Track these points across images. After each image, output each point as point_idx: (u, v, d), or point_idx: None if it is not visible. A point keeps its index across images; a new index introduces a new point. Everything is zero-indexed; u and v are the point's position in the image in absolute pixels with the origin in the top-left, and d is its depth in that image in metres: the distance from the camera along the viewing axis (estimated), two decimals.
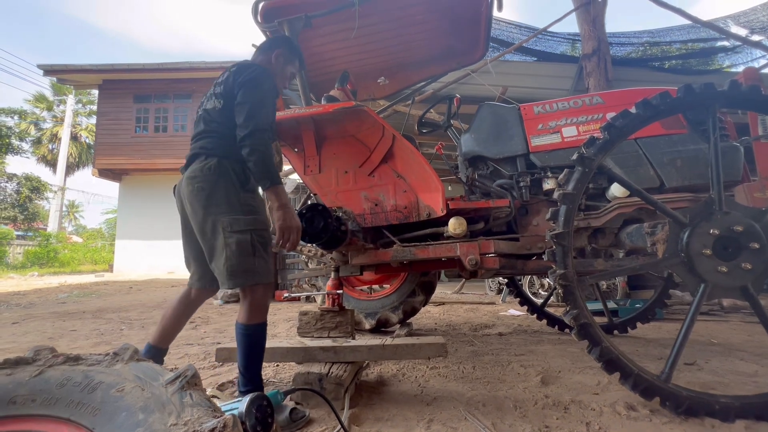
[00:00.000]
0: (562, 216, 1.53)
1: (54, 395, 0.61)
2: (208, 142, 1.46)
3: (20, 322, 3.65)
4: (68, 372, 0.65)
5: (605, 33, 5.30)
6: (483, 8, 2.65)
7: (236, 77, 1.46)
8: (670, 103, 1.52)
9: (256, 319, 1.40)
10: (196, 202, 1.41)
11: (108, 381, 0.63)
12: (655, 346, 2.52)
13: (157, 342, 1.62)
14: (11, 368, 0.65)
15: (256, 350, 1.42)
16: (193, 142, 1.53)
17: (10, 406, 0.60)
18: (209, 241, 1.40)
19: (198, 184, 1.40)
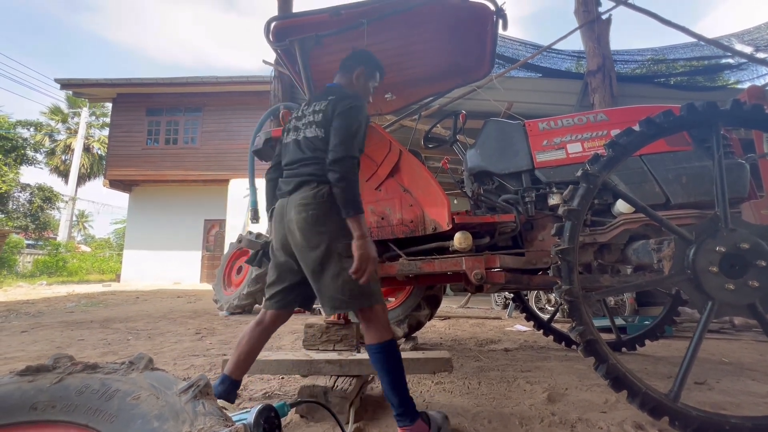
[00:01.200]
0: (567, 232, 1.54)
1: (73, 402, 0.64)
2: (318, 169, 1.46)
3: (29, 331, 3.69)
4: (87, 379, 0.67)
5: (610, 50, 5.37)
6: (489, 27, 2.71)
7: (335, 107, 1.51)
8: (673, 122, 1.55)
9: (387, 335, 1.42)
10: (308, 228, 1.41)
11: (124, 389, 0.65)
12: (665, 365, 2.48)
13: (231, 372, 1.53)
14: (33, 375, 0.68)
15: (399, 366, 1.41)
16: (295, 167, 1.52)
17: (31, 412, 0.63)
18: (321, 266, 1.40)
19: (312, 211, 1.42)
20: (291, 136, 1.61)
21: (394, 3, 2.48)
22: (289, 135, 1.62)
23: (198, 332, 3.69)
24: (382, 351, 1.40)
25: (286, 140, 1.63)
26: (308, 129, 1.55)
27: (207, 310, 5.54)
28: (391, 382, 1.38)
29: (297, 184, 1.48)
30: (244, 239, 5.00)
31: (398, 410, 1.36)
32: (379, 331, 1.42)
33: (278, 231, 1.54)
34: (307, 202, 1.43)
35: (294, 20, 2.55)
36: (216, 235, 12.51)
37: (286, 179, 1.55)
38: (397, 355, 1.43)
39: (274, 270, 1.61)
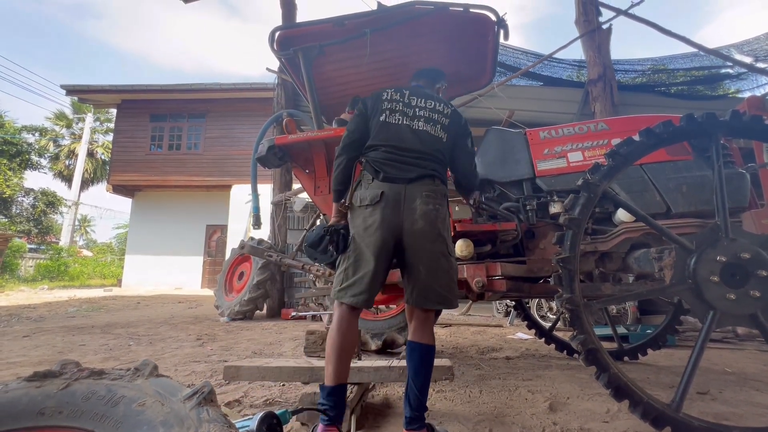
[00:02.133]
0: (568, 240, 1.55)
1: (80, 408, 0.65)
2: (439, 168, 1.53)
3: (31, 336, 3.70)
4: (93, 386, 0.68)
5: (610, 59, 5.41)
6: (490, 37, 2.74)
7: (461, 121, 1.67)
8: (672, 132, 1.56)
9: (434, 339, 1.49)
10: (436, 220, 1.44)
11: (130, 395, 0.66)
12: (667, 374, 2.47)
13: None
14: (40, 381, 0.69)
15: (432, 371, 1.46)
16: (414, 157, 1.50)
17: (38, 417, 0.64)
18: (438, 259, 1.43)
19: (436, 204, 1.46)
20: (398, 119, 1.54)
21: (396, 13, 2.52)
22: (394, 116, 1.55)
23: (199, 338, 3.69)
24: (432, 352, 1.45)
25: (390, 120, 1.54)
26: (427, 124, 1.56)
27: (208, 315, 5.54)
28: (426, 384, 1.41)
29: (420, 175, 1.47)
30: (247, 245, 5.01)
31: (417, 412, 1.38)
32: (433, 333, 1.48)
33: (392, 215, 1.42)
34: (434, 195, 1.46)
35: (298, 30, 2.60)
36: (218, 241, 12.53)
37: (401, 165, 1.48)
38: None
39: (376, 260, 1.41)
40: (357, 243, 1.44)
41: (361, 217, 1.45)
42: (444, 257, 1.46)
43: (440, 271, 1.44)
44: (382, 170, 1.47)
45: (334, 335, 1.40)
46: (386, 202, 1.43)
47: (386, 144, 1.51)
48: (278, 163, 2.77)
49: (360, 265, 1.42)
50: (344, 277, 1.44)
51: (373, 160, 1.50)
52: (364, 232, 1.43)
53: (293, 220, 6.52)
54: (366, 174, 1.51)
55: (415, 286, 1.44)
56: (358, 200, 1.48)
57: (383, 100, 1.59)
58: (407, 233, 1.43)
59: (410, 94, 1.62)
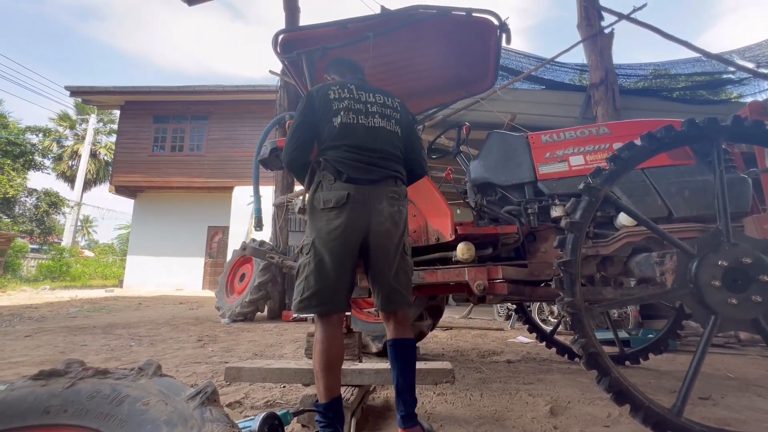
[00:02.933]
0: (569, 244, 1.55)
1: (84, 406, 0.65)
2: (399, 168, 1.53)
3: (33, 336, 3.71)
4: (98, 385, 0.69)
5: (612, 63, 5.42)
6: (492, 41, 2.76)
7: (410, 116, 1.68)
8: (674, 137, 1.57)
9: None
10: (396, 221, 1.44)
11: (134, 395, 0.67)
12: (669, 379, 2.46)
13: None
14: (45, 379, 0.70)
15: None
16: (380, 158, 1.46)
17: (44, 416, 0.64)
18: (396, 259, 1.43)
19: (400, 206, 1.47)
20: (353, 118, 1.47)
21: (399, 17, 2.53)
22: (349, 115, 1.47)
23: (200, 339, 3.69)
24: (414, 346, 1.51)
25: (346, 120, 1.46)
26: (382, 120, 1.51)
27: (209, 317, 5.54)
28: (414, 378, 1.44)
29: (384, 176, 1.45)
30: (248, 247, 5.03)
31: (412, 408, 1.38)
32: (410, 327, 1.55)
33: (359, 217, 1.38)
34: (399, 197, 1.47)
35: (301, 33, 2.61)
36: (219, 242, 12.55)
37: (364, 166, 1.42)
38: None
39: (344, 264, 1.37)
40: (317, 249, 1.36)
41: (323, 219, 1.38)
42: (404, 257, 1.48)
43: (401, 271, 1.46)
44: (345, 171, 1.40)
45: (318, 349, 1.34)
46: (353, 204, 1.37)
47: (346, 144, 1.44)
48: (280, 165, 2.78)
49: (322, 272, 1.35)
50: (305, 286, 1.36)
51: (334, 160, 1.41)
52: (327, 235, 1.36)
53: (295, 222, 6.54)
54: (327, 174, 1.42)
55: (381, 290, 1.45)
56: (320, 203, 1.39)
57: (332, 99, 1.49)
58: (374, 234, 1.40)
59: (357, 89, 1.54)
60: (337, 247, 1.35)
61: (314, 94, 1.53)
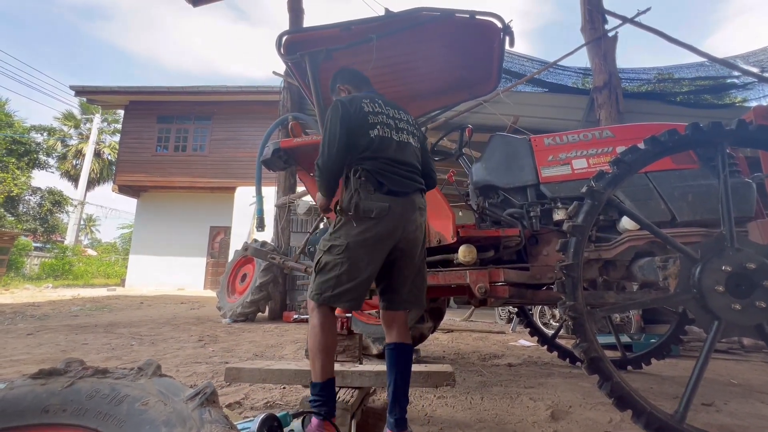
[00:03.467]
0: (571, 248, 1.55)
1: (84, 406, 0.65)
2: (422, 181, 1.62)
3: (34, 334, 3.72)
4: (97, 384, 0.69)
5: (616, 67, 5.41)
6: (496, 44, 2.75)
7: (420, 129, 1.80)
8: (677, 141, 1.56)
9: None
10: (423, 230, 1.58)
11: (133, 394, 0.67)
12: (671, 384, 2.44)
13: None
14: (45, 378, 0.70)
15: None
16: (408, 170, 1.54)
17: (43, 415, 0.64)
18: (419, 265, 1.57)
19: (424, 216, 1.59)
20: (387, 132, 1.54)
21: (403, 19, 2.54)
22: (384, 129, 1.54)
23: (201, 339, 3.69)
24: (412, 351, 1.55)
25: (383, 134, 1.52)
26: (408, 136, 1.60)
27: (210, 317, 5.55)
28: (407, 383, 1.48)
29: (415, 189, 1.55)
30: (250, 247, 5.03)
31: (405, 412, 1.43)
32: (409, 333, 1.60)
33: (394, 229, 1.45)
34: (423, 208, 1.58)
35: (305, 34, 2.61)
36: (221, 242, 12.57)
37: (399, 179, 1.49)
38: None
39: (363, 268, 1.42)
40: (351, 251, 1.42)
41: (360, 227, 1.43)
42: (424, 263, 1.63)
43: (420, 276, 1.59)
44: (387, 183, 1.46)
45: (319, 334, 1.41)
46: (392, 215, 1.44)
47: (383, 157, 1.49)
48: (283, 166, 2.78)
49: (355, 273, 1.41)
50: (337, 282, 1.41)
51: (375, 171, 1.46)
52: (362, 242, 1.42)
53: (297, 222, 6.54)
54: (366, 184, 1.45)
55: (400, 290, 1.53)
56: (360, 211, 1.43)
57: (367, 113, 1.53)
58: (405, 241, 1.49)
59: (385, 105, 1.62)
60: (373, 252, 1.44)
61: (347, 104, 1.55)
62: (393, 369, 1.47)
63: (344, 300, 1.42)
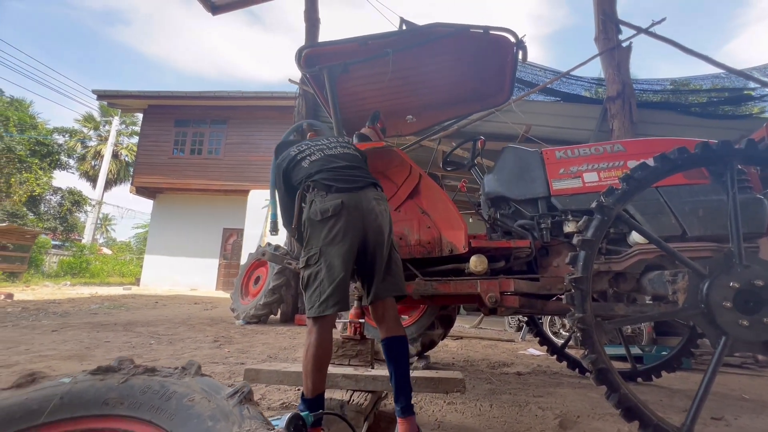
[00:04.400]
0: (580, 261, 1.60)
1: (138, 400, 0.73)
2: (372, 177, 1.76)
3: (59, 330, 3.88)
4: (148, 381, 0.77)
5: (630, 77, 5.40)
6: (509, 58, 2.82)
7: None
8: (687, 159, 1.60)
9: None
10: (385, 218, 1.64)
11: (180, 391, 0.75)
12: (681, 397, 2.45)
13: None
14: (103, 374, 0.78)
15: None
16: (351, 171, 1.69)
17: (103, 407, 0.73)
18: (389, 251, 1.62)
19: (384, 205, 1.68)
20: (318, 155, 1.79)
21: (418, 35, 2.62)
22: (314, 155, 1.79)
23: (216, 340, 3.80)
24: (406, 342, 1.61)
25: (314, 158, 1.77)
26: (343, 149, 1.83)
27: (223, 318, 5.67)
28: (407, 372, 1.54)
29: (364, 184, 1.66)
30: (267, 252, 5.17)
31: (410, 399, 1.50)
32: (401, 325, 1.63)
33: (356, 219, 1.56)
34: (381, 198, 1.68)
35: (323, 48, 2.71)
36: (233, 244, 12.78)
37: (345, 178, 1.67)
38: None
39: (348, 264, 1.51)
40: (325, 255, 1.50)
41: (324, 229, 1.53)
42: (394, 250, 1.67)
43: (393, 263, 1.64)
44: (333, 185, 1.59)
45: (314, 352, 1.45)
46: (348, 209, 1.54)
47: (325, 169, 1.66)
48: None
49: (333, 274, 1.48)
50: (320, 291, 1.47)
51: (322, 180, 1.62)
52: (330, 242, 1.51)
53: None
54: (317, 192, 1.59)
55: (377, 278, 1.59)
56: (317, 214, 1.54)
57: (295, 155, 1.78)
58: (371, 230, 1.58)
59: (314, 142, 1.85)
60: (342, 248, 1.51)
61: (280, 161, 1.85)
62: (391, 362, 1.56)
63: (331, 304, 1.46)
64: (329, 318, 1.51)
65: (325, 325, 1.51)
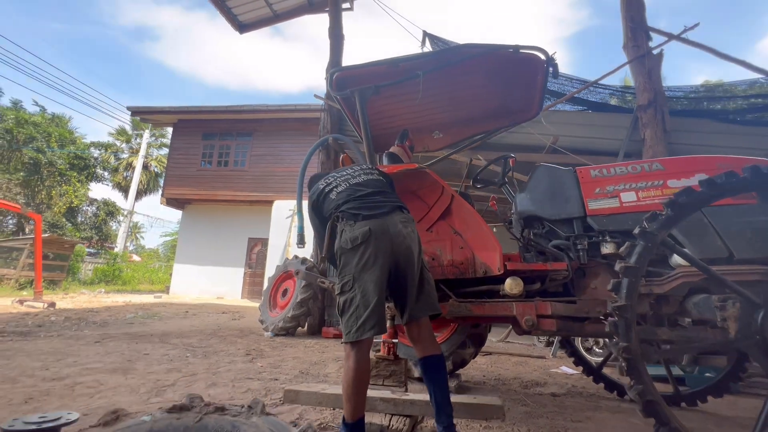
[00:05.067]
0: (624, 289, 1.57)
1: None
2: (399, 200, 1.82)
3: (101, 342, 4.07)
4: (220, 420, 0.81)
5: (661, 84, 5.26)
6: (539, 75, 2.81)
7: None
8: (736, 183, 1.55)
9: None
10: (413, 239, 1.69)
11: None
12: (731, 426, 2.34)
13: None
14: (178, 413, 0.83)
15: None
16: (376, 197, 1.75)
17: None
18: (421, 273, 1.68)
19: (412, 227, 1.73)
20: (343, 186, 1.89)
21: (449, 55, 2.65)
22: (339, 187, 1.89)
23: (248, 353, 3.89)
24: (444, 360, 1.65)
25: (339, 189, 1.86)
26: (366, 176, 1.92)
27: (252, 329, 5.80)
28: (447, 390, 1.58)
29: (391, 209, 1.72)
30: (301, 272, 5.30)
31: (452, 418, 1.54)
32: (437, 343, 1.69)
33: (384, 244, 1.61)
34: (408, 221, 1.73)
35: (354, 71, 2.78)
36: (258, 254, 13.05)
37: (371, 206, 1.73)
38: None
39: (382, 288, 1.57)
40: (358, 280, 1.56)
41: (356, 256, 1.58)
42: (425, 270, 1.72)
43: (426, 282, 1.70)
44: (360, 213, 1.65)
45: (353, 375, 1.49)
46: (376, 235, 1.59)
47: (351, 199, 1.73)
48: None
49: (368, 299, 1.52)
50: (356, 316, 1.52)
51: (348, 209, 1.68)
52: (363, 268, 1.56)
53: None
54: (345, 221, 1.66)
55: (410, 299, 1.64)
56: (348, 243, 1.60)
57: (323, 187, 1.88)
58: (400, 253, 1.62)
59: (339, 173, 1.94)
60: (374, 273, 1.56)
61: (310, 197, 1.97)
62: (430, 382, 1.60)
63: (368, 328, 1.50)
64: (366, 342, 1.55)
65: (363, 349, 1.55)
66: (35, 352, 3.45)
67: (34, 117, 17.19)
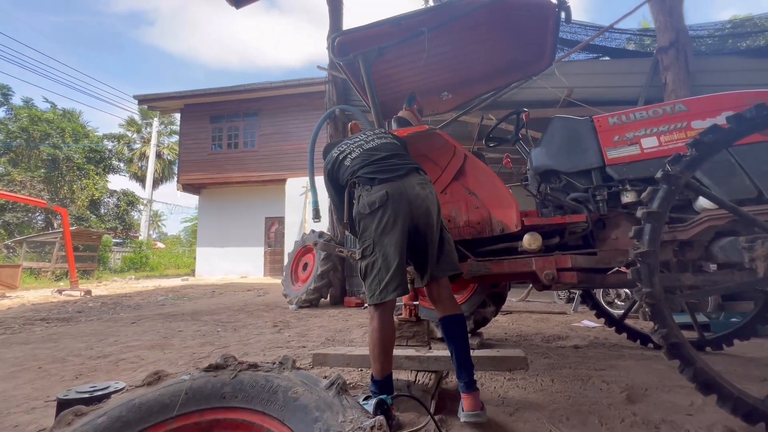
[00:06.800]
0: (646, 234, 1.53)
1: (249, 393, 0.82)
2: (414, 162, 1.80)
3: (137, 322, 4.29)
4: (254, 376, 0.86)
5: (684, 23, 4.91)
6: (550, 21, 2.66)
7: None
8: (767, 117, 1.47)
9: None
10: (432, 200, 1.68)
11: (284, 385, 0.83)
12: (757, 366, 2.34)
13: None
14: (215, 371, 0.88)
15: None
16: (391, 160, 1.73)
17: (221, 400, 0.82)
18: (440, 234, 1.69)
19: (430, 188, 1.72)
20: (359, 150, 1.87)
21: (453, 9, 2.52)
22: (353, 153, 1.88)
23: (275, 325, 4.05)
24: (464, 320, 1.69)
25: (353, 155, 1.85)
26: (379, 140, 1.89)
27: (277, 303, 6.00)
28: (467, 348, 1.62)
29: (407, 171, 1.71)
30: (320, 243, 5.39)
31: (472, 376, 1.57)
32: (457, 303, 1.71)
33: (402, 206, 1.60)
34: (425, 182, 1.72)
35: (356, 35, 2.68)
36: (276, 232, 13.31)
37: (387, 169, 1.71)
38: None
39: (403, 248, 1.57)
40: (378, 243, 1.57)
41: (375, 220, 1.58)
42: (444, 231, 1.72)
43: (446, 242, 1.70)
44: (376, 177, 1.64)
45: (379, 336, 1.53)
46: (393, 198, 1.58)
47: (366, 163, 1.71)
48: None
49: (389, 262, 1.54)
50: (379, 279, 1.55)
51: (364, 174, 1.67)
52: (382, 232, 1.56)
53: None
54: (362, 186, 1.66)
55: (438, 257, 1.65)
56: (366, 208, 1.60)
57: (337, 155, 1.86)
58: (419, 215, 1.62)
59: (351, 139, 1.91)
60: (394, 236, 1.56)
61: (325, 165, 1.93)
62: (450, 340, 1.64)
63: (391, 290, 1.53)
64: (389, 303, 1.59)
65: (387, 310, 1.59)
66: (79, 334, 3.67)
67: (46, 114, 17.46)
